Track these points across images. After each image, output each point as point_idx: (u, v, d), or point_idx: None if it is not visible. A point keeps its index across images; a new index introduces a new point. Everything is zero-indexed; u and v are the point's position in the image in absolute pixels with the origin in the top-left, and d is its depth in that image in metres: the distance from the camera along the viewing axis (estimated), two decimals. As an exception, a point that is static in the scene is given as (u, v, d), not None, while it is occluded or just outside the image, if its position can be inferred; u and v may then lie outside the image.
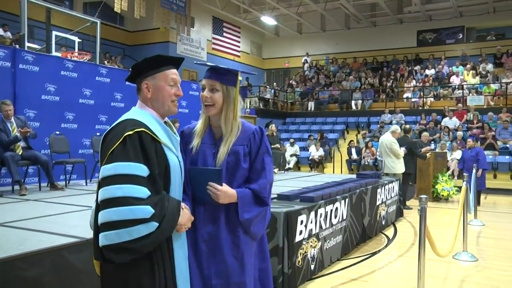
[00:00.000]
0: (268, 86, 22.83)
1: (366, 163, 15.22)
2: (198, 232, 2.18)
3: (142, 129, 1.90)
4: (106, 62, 15.10)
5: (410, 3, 21.72)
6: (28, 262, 2.89)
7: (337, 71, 23.37)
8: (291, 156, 16.09)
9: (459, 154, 12.84)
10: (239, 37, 24.88)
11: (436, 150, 12.99)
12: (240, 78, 2.25)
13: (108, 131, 1.95)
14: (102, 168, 1.85)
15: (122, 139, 1.84)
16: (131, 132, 1.86)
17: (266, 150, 2.27)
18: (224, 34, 23.66)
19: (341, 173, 15.28)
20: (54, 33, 10.99)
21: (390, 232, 7.22)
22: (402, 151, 9.10)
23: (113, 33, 19.46)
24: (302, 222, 4.43)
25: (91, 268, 2.03)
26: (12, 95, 7.70)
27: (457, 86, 18.74)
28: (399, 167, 9.05)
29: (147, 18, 17.09)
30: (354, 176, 8.58)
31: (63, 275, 3.04)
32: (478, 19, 22.11)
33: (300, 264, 4.38)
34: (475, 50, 21.54)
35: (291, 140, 16.75)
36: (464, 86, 18.36)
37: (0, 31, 13.43)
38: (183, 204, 2.03)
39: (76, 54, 10.80)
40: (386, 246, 6.30)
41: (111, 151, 1.84)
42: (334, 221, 5.23)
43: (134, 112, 2.02)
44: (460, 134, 14.48)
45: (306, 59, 24.92)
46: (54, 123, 8.34)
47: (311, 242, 4.63)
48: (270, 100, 21.49)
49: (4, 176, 7.34)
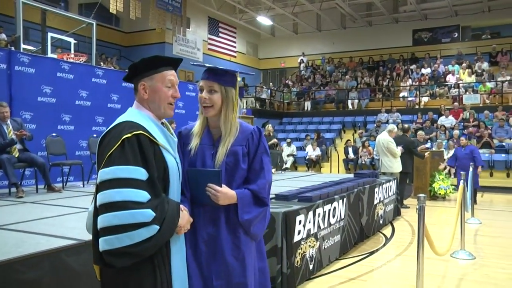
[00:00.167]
0: (264, 86, 22.84)
1: (363, 162, 15.24)
2: (198, 234, 2.17)
3: (140, 131, 1.87)
4: (102, 63, 15.07)
5: (405, 2, 21.79)
6: (26, 264, 2.88)
7: (333, 71, 23.39)
8: (288, 156, 16.09)
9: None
10: (235, 37, 24.87)
11: (433, 149, 13.02)
12: (239, 78, 2.24)
13: (105, 133, 1.92)
14: (100, 172, 1.81)
15: (120, 142, 1.81)
16: (129, 135, 1.83)
17: (265, 150, 2.26)
18: (220, 35, 23.65)
19: (338, 172, 15.29)
20: (50, 34, 10.96)
21: (388, 231, 7.23)
22: (399, 150, 9.11)
23: (108, 34, 19.43)
24: (300, 222, 4.43)
25: (90, 270, 2.01)
26: (8, 97, 7.66)
27: (453, 85, 18.80)
28: (396, 166, 9.06)
29: (143, 19, 17.06)
30: (352, 175, 8.58)
31: (62, 277, 3.03)
32: (473, 18, 22.19)
33: (298, 264, 4.38)
34: (471, 48, 21.61)
35: (288, 140, 16.75)
36: (460, 85, 18.41)
37: (-5, 33, 13.40)
38: (182, 206, 2.02)
39: (72, 56, 10.78)
40: (384, 245, 6.31)
41: (109, 154, 1.81)
42: (332, 220, 5.23)
43: (131, 113, 1.99)
44: (456, 132, 14.52)
45: (302, 59, 24.94)
46: (50, 125, 8.31)
47: (310, 242, 4.63)
48: (267, 100, 21.50)
49: (1, 178, 7.31)
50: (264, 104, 21.06)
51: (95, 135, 8.58)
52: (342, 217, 5.53)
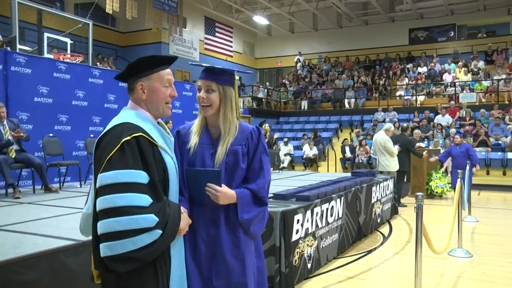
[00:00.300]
0: (261, 86, 22.83)
1: (360, 161, 15.26)
2: (197, 234, 2.17)
3: (139, 133, 1.84)
4: (98, 63, 15.03)
5: (401, 1, 21.83)
6: (24, 265, 2.87)
7: (329, 70, 23.41)
8: (285, 155, 16.10)
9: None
10: (231, 37, 24.85)
11: (430, 148, 13.05)
12: (237, 77, 2.24)
13: (102, 135, 1.87)
14: (100, 176, 1.76)
15: (120, 145, 1.77)
16: (128, 138, 1.80)
17: (264, 150, 2.26)
18: (217, 34, 23.63)
19: (335, 171, 15.31)
20: (46, 34, 10.92)
21: (385, 229, 7.24)
22: (396, 149, 9.13)
23: (105, 34, 19.37)
24: (298, 221, 4.43)
25: (89, 271, 1.99)
26: (4, 98, 7.64)
27: (449, 84, 18.84)
28: (393, 165, 9.07)
29: (139, 19, 17.04)
30: (349, 174, 8.59)
31: (61, 278, 3.03)
32: (469, 16, 22.25)
33: (297, 263, 4.38)
34: (467, 47, 21.68)
35: (285, 139, 16.76)
36: (456, 84, 18.46)
37: (-9, 34, 13.34)
38: (182, 208, 2.01)
39: (69, 56, 10.74)
40: (382, 243, 6.32)
41: (108, 158, 1.76)
42: (330, 219, 5.24)
43: (127, 114, 1.94)
44: (453, 131, 14.55)
45: (298, 58, 24.94)
46: (47, 126, 8.29)
47: (308, 241, 4.64)
48: (263, 99, 21.49)
49: (-2, 179, 7.30)
50: (261, 103, 21.05)
51: (92, 135, 8.57)
52: (340, 216, 5.54)
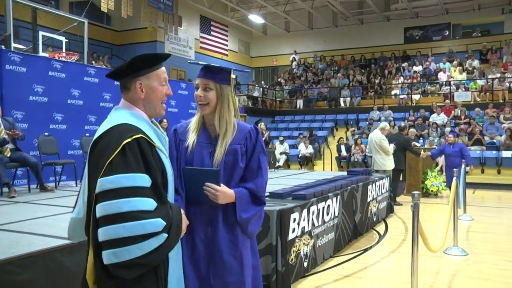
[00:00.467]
0: (256, 85, 22.83)
1: (356, 160, 15.28)
2: (195, 233, 2.16)
3: (140, 135, 1.77)
4: (93, 62, 14.99)
5: (396, 0, 21.86)
6: (20, 265, 2.86)
7: (325, 69, 23.44)
8: (281, 154, 16.10)
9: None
10: (226, 35, 24.83)
11: (425, 146, 13.09)
12: (233, 76, 2.24)
13: (98, 136, 1.79)
14: (101, 181, 1.68)
15: (121, 148, 1.70)
16: (129, 140, 1.73)
17: (262, 150, 2.27)
18: (212, 33, 23.60)
19: (331, 170, 15.34)
20: (41, 33, 10.88)
21: (381, 228, 7.26)
22: (391, 147, 9.15)
23: (100, 32, 19.30)
24: (295, 220, 4.44)
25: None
26: (-1, 97, 7.62)
27: (444, 83, 18.90)
28: (389, 163, 9.09)
29: (134, 17, 16.99)
30: (345, 173, 8.61)
31: (57, 278, 3.01)
32: (464, 16, 22.33)
33: (293, 261, 4.39)
34: (461, 46, 21.75)
35: (281, 138, 16.76)
36: (451, 82, 18.52)
37: (-15, 32, 13.26)
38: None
39: (64, 54, 10.69)
40: (378, 242, 6.34)
41: (109, 161, 1.69)
42: (326, 218, 5.25)
43: (122, 114, 1.87)
44: (448, 130, 14.61)
45: (294, 57, 24.95)
46: (42, 124, 8.26)
47: (304, 240, 4.64)
48: (259, 98, 21.49)
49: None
50: (256, 102, 21.05)
51: (87, 134, 8.55)
52: (336, 214, 5.55)
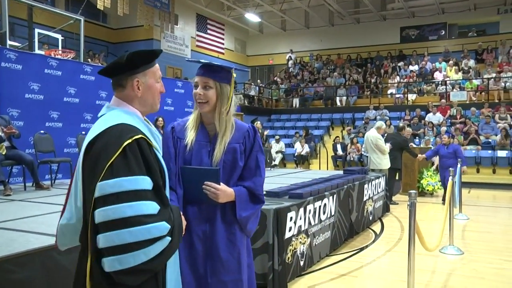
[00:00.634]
0: (252, 83, 22.82)
1: (352, 159, 15.30)
2: (192, 232, 2.16)
3: (140, 135, 1.69)
4: (89, 59, 14.95)
5: (393, 0, 21.88)
6: (17, 263, 2.84)
7: (321, 68, 23.45)
8: (277, 153, 16.11)
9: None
10: (223, 34, 24.80)
11: (420, 145, 13.13)
12: (234, 75, 2.23)
13: (94, 137, 1.69)
14: (102, 185, 1.59)
15: (121, 149, 1.62)
16: (130, 141, 1.65)
17: (260, 148, 2.27)
18: (208, 31, 23.57)
19: (327, 169, 15.36)
20: (37, 30, 10.84)
21: (377, 227, 7.28)
22: (387, 147, 9.17)
23: (96, 30, 19.25)
24: (291, 218, 4.44)
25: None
26: (-5, 94, 7.59)
27: (440, 82, 18.95)
28: (385, 162, 9.11)
29: (131, 15, 16.95)
30: (341, 172, 8.62)
31: (54, 276, 3.00)
32: (460, 15, 22.40)
33: (290, 260, 4.39)
34: (457, 46, 21.82)
35: (277, 137, 16.76)
36: (447, 82, 18.57)
37: (-20, 29, 13.19)
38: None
39: (60, 52, 10.65)
40: (374, 241, 6.35)
41: (110, 164, 1.60)
42: (323, 217, 5.25)
43: (117, 113, 1.78)
44: (444, 129, 14.65)
45: (290, 56, 24.95)
46: (38, 122, 8.23)
47: (301, 239, 4.65)
48: (255, 97, 21.48)
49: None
50: (252, 101, 21.04)
51: (83, 132, 8.51)
52: (332, 213, 5.56)
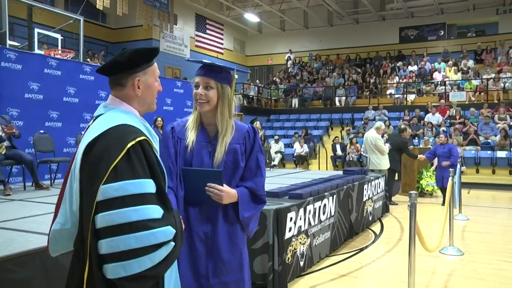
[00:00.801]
0: (251, 84, 22.82)
1: (351, 159, 15.30)
2: (193, 232, 2.16)
3: (143, 137, 1.65)
4: (88, 59, 14.93)
5: (392, 0, 21.90)
6: (16, 263, 2.84)
7: (320, 68, 23.45)
8: (276, 153, 16.11)
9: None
10: (222, 34, 24.79)
11: (420, 146, 13.14)
12: (236, 76, 2.23)
13: (94, 138, 1.66)
14: (105, 188, 1.53)
15: (125, 151, 1.57)
16: (133, 142, 1.60)
17: (260, 149, 2.27)
18: (207, 31, 23.56)
19: (326, 169, 15.36)
20: (36, 30, 10.82)
21: (377, 227, 7.28)
22: (386, 147, 9.18)
23: (95, 30, 19.23)
24: (291, 219, 4.44)
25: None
26: (-6, 94, 7.58)
27: (439, 82, 18.96)
28: (384, 163, 9.12)
29: (130, 15, 16.94)
30: (340, 172, 8.62)
31: (54, 276, 3.00)
32: (459, 16, 22.41)
33: (290, 261, 4.39)
34: (456, 46, 21.83)
35: (276, 137, 16.76)
36: (446, 82, 18.58)
37: (-20, 29, 13.18)
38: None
39: (60, 52, 10.64)
40: (374, 241, 6.35)
41: (113, 166, 1.55)
42: (323, 217, 5.25)
43: (117, 113, 1.74)
44: (443, 129, 14.65)
45: (289, 56, 24.95)
46: (38, 122, 8.23)
47: (301, 239, 4.65)
48: (254, 97, 21.48)
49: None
50: (251, 101, 21.04)
51: (83, 132, 8.49)
52: (332, 214, 5.56)
